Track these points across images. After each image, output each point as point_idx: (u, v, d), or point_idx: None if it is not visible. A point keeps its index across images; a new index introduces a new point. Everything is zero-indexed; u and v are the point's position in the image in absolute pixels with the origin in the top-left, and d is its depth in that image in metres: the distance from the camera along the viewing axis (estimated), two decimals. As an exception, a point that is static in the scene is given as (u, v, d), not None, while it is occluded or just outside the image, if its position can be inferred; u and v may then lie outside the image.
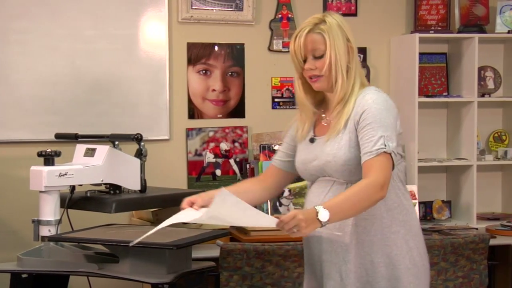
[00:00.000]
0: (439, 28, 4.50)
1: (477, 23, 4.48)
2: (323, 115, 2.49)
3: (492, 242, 3.76)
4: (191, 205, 2.37)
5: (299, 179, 4.22)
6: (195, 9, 4.26)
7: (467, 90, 4.42)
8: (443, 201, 4.44)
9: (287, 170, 2.59)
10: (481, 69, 4.54)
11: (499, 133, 4.64)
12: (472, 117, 4.34)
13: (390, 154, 2.26)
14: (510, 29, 4.43)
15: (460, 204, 4.47)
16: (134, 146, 3.45)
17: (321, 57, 2.38)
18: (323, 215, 2.14)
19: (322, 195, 2.40)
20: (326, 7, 4.46)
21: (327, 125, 2.46)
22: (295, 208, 4.12)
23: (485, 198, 4.56)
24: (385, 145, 2.26)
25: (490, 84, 4.60)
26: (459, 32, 4.47)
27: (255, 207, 2.30)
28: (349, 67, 2.40)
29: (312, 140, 2.47)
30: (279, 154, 2.61)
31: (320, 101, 2.51)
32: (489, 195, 4.61)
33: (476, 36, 4.35)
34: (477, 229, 4.17)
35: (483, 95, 4.51)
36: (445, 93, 4.56)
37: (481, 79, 4.55)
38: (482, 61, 4.47)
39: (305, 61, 2.41)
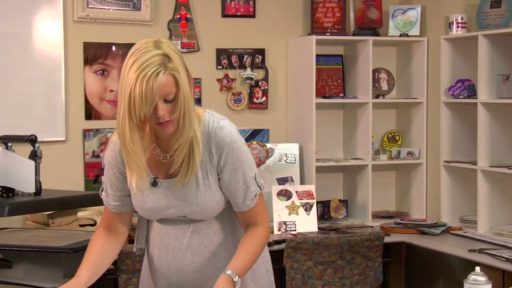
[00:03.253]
0: (335, 31, 4.59)
1: (371, 26, 4.59)
2: (158, 151, 2.19)
3: (387, 239, 3.86)
4: None
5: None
6: (92, 8, 4.18)
7: (362, 92, 4.53)
8: (340, 200, 4.52)
9: (127, 210, 2.30)
10: (375, 71, 4.65)
11: (392, 134, 4.77)
12: (367, 118, 4.44)
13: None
14: (402, 33, 4.56)
15: (356, 203, 4.57)
16: (29, 148, 3.36)
17: (172, 100, 2.05)
18: (236, 279, 2.12)
19: (182, 238, 2.24)
20: (224, 9, 4.47)
21: (167, 163, 2.18)
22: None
23: (380, 197, 4.68)
24: (259, 186, 2.22)
25: (384, 86, 4.72)
26: (354, 34, 4.57)
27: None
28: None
29: (154, 184, 2.19)
30: (111, 198, 2.27)
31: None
32: (383, 194, 4.73)
33: (370, 38, 4.46)
34: (372, 227, 4.27)
35: (377, 97, 4.62)
36: (341, 94, 4.65)
37: (375, 80, 4.66)
38: (376, 63, 4.58)
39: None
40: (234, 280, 2.10)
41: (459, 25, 4.21)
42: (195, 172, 2.15)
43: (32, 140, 3.38)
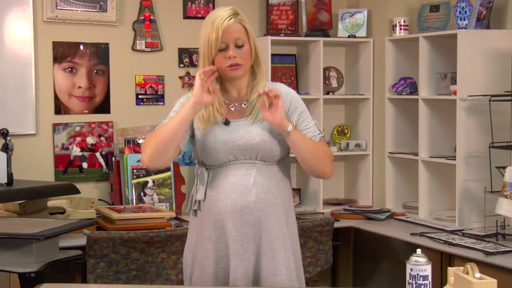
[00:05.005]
0: (288, 32, 4.60)
1: (321, 28, 4.62)
2: (227, 102, 2.40)
3: (336, 225, 3.89)
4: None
5: (163, 170, 4.20)
6: (60, 9, 4.12)
7: (314, 88, 4.54)
8: (293, 189, 4.53)
9: (181, 143, 2.39)
10: (326, 69, 4.67)
11: (341, 127, 4.80)
12: (319, 112, 4.46)
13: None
14: (350, 34, 4.59)
15: (309, 191, 4.59)
16: (0, 141, 3.32)
17: (242, 46, 2.32)
18: (291, 125, 2.32)
19: (249, 178, 2.34)
20: (186, 11, 4.45)
21: (236, 110, 2.40)
22: (158, 198, 4.10)
23: (330, 186, 4.71)
24: (320, 132, 2.44)
25: (334, 83, 4.75)
26: (306, 35, 4.58)
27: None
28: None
29: (227, 123, 2.36)
30: None
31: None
32: (333, 183, 4.76)
33: (321, 39, 4.47)
34: (323, 213, 4.30)
35: (327, 93, 4.65)
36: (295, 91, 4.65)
37: (326, 78, 4.69)
38: (326, 62, 4.60)
39: (221, 50, 2.31)
40: (289, 127, 2.31)
41: (402, 27, 4.25)
42: None
43: (4, 133, 3.34)
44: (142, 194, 4.06)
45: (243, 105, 2.40)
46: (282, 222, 2.39)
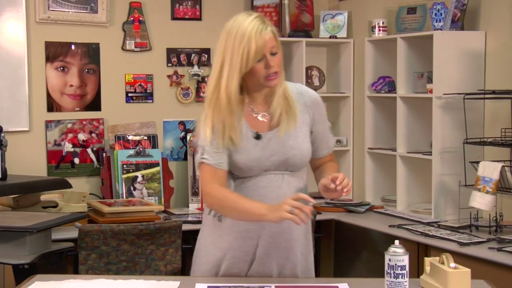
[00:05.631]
0: (272, 33, 4.59)
1: (304, 29, 4.62)
2: (256, 110, 2.25)
3: (318, 217, 3.91)
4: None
5: (152, 165, 4.20)
6: (52, 10, 4.10)
7: (296, 87, 4.54)
8: (277, 183, 4.53)
9: (228, 168, 2.23)
10: (308, 68, 4.68)
11: (323, 124, 4.81)
12: (301, 110, 4.47)
13: None
14: (331, 35, 4.60)
15: (291, 185, 4.59)
16: (-5, 137, 3.30)
17: (276, 53, 2.16)
18: None
19: (279, 190, 2.24)
20: (173, 12, 4.44)
21: (266, 120, 2.25)
22: (147, 192, 4.09)
23: (313, 180, 4.69)
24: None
25: (316, 82, 4.76)
26: (289, 36, 4.59)
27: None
28: None
29: (258, 137, 2.22)
30: (218, 157, 2.20)
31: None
32: (315, 177, 4.76)
33: (304, 40, 4.48)
34: (305, 206, 4.30)
35: (310, 91, 4.65)
36: (278, 89, 4.66)
37: (308, 77, 4.70)
38: (309, 61, 4.61)
39: (258, 61, 2.14)
40: None
41: (381, 28, 4.27)
42: (295, 121, 2.23)
43: (-2, 130, 3.32)
44: (132, 188, 4.06)
45: (270, 114, 2.25)
46: (304, 227, 2.32)
